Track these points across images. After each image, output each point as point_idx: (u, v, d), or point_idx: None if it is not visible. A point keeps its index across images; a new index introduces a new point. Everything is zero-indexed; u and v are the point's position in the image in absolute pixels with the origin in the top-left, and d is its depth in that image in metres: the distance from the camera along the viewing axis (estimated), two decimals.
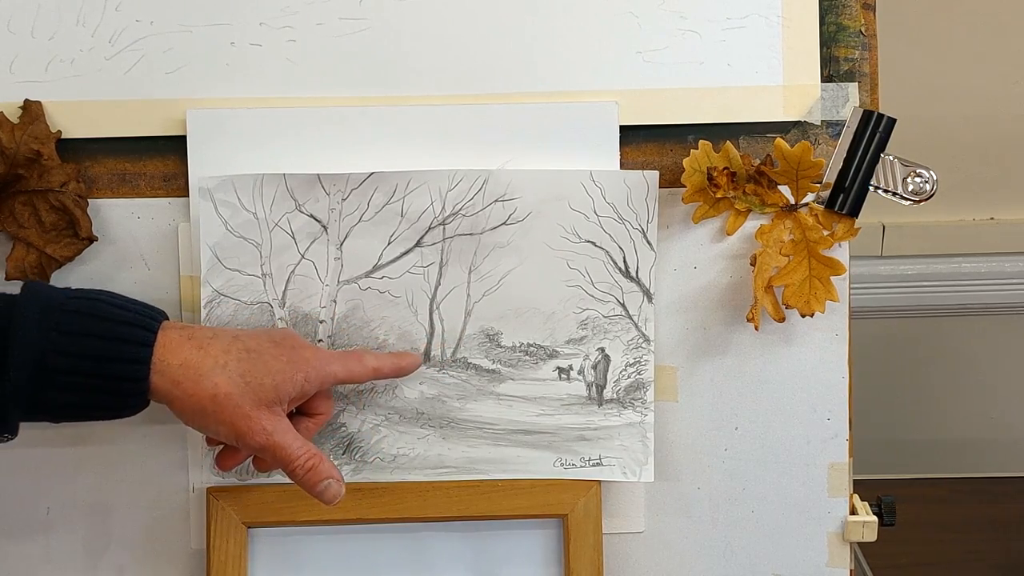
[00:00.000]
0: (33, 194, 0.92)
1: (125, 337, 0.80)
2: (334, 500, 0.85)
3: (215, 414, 0.81)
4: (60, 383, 0.79)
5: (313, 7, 0.93)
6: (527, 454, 0.95)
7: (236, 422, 0.81)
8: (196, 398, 0.81)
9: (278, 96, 0.94)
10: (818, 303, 0.94)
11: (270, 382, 0.82)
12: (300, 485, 0.85)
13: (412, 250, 0.93)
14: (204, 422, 0.82)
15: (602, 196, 0.93)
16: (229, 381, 0.81)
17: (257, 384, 0.82)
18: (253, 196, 0.92)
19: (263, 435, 0.82)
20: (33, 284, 0.81)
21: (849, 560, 0.99)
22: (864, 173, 0.92)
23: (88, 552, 0.97)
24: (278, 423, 0.83)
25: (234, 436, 0.82)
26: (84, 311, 0.80)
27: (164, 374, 0.80)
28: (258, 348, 0.84)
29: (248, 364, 0.82)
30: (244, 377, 0.82)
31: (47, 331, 0.78)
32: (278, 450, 0.83)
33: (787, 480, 0.98)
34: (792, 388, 0.97)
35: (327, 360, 0.87)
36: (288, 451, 0.83)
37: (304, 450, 0.84)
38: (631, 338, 0.95)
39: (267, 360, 0.83)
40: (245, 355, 0.83)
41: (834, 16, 0.95)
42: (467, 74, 0.94)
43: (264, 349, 0.84)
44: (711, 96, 0.95)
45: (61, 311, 0.79)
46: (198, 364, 0.81)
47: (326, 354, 0.88)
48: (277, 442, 0.83)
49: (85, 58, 0.93)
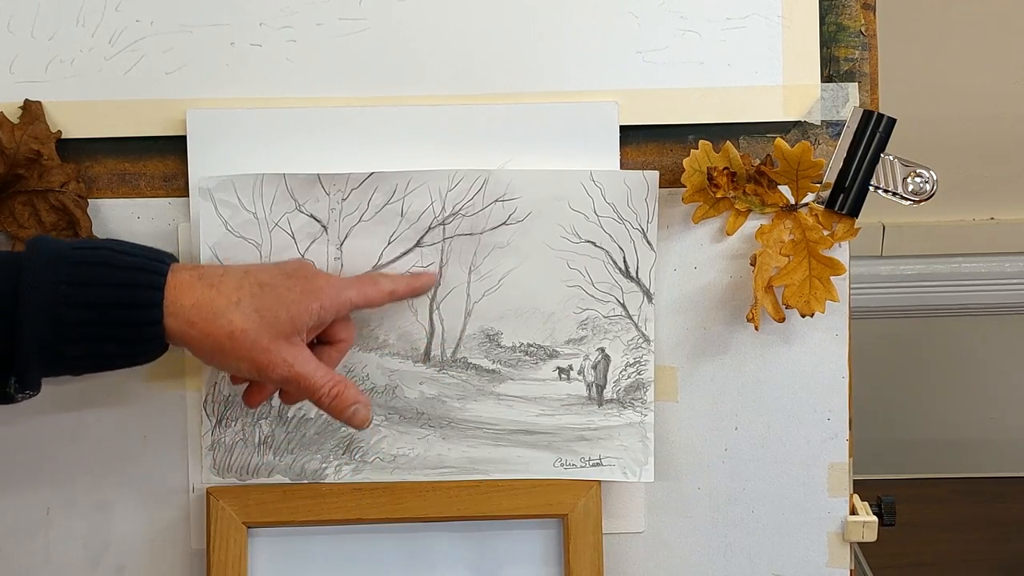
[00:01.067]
0: (33, 194, 0.92)
1: (135, 282, 0.80)
2: (363, 424, 0.85)
3: (233, 351, 0.81)
4: (75, 335, 0.78)
5: (313, 7, 0.93)
6: (527, 454, 0.95)
7: (256, 357, 0.81)
8: (212, 337, 0.80)
9: (278, 96, 0.94)
10: (818, 303, 0.94)
11: (285, 314, 0.82)
12: (328, 412, 0.84)
13: (412, 250, 0.93)
14: (224, 360, 0.82)
15: (602, 196, 0.93)
16: (244, 317, 0.81)
17: (272, 317, 0.82)
18: (253, 196, 0.92)
19: (284, 367, 0.82)
20: (38, 239, 0.81)
21: (849, 560, 0.99)
22: (864, 173, 0.92)
23: (88, 552, 0.97)
24: (299, 354, 0.83)
25: (256, 371, 0.82)
26: (91, 260, 0.80)
27: (178, 316, 0.80)
28: (271, 281, 0.83)
29: (262, 298, 0.82)
30: (259, 311, 0.81)
31: (56, 284, 0.78)
32: (301, 380, 0.82)
33: (787, 480, 0.98)
34: (792, 388, 0.97)
35: (342, 286, 0.86)
36: (312, 379, 0.83)
37: (328, 377, 0.83)
38: (631, 338, 0.95)
39: (280, 292, 0.83)
40: (258, 289, 0.82)
41: (834, 16, 0.95)
42: (467, 74, 0.94)
43: (277, 282, 0.83)
44: (711, 96, 0.95)
45: (68, 264, 0.79)
46: (211, 302, 0.80)
47: (340, 281, 0.88)
48: (299, 372, 0.82)
49: (85, 58, 0.93)
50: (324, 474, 0.95)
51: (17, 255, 0.80)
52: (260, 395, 0.88)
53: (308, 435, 0.95)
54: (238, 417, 0.94)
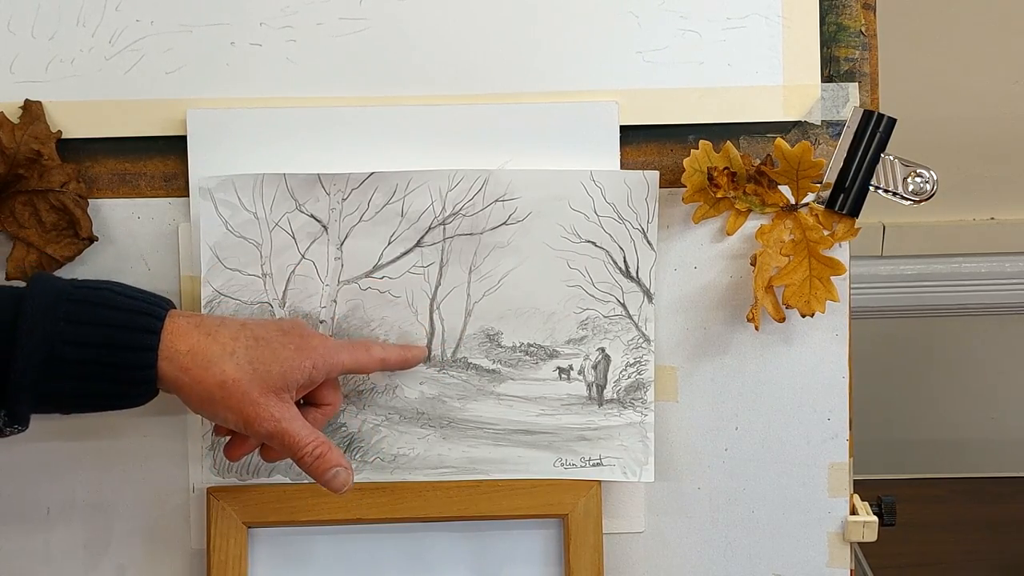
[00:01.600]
0: (33, 194, 0.92)
1: (132, 325, 0.80)
2: (343, 488, 0.85)
3: (223, 400, 0.81)
4: (68, 372, 0.78)
5: (313, 7, 0.93)
6: (527, 454, 0.95)
7: (244, 408, 0.81)
8: (204, 385, 0.80)
9: (278, 96, 0.94)
10: (818, 303, 0.94)
11: (278, 369, 0.82)
12: (308, 473, 0.84)
13: (412, 250, 0.93)
14: (212, 409, 0.82)
15: (602, 196, 0.93)
16: (237, 368, 0.81)
17: (265, 371, 0.82)
18: (253, 196, 0.92)
19: (271, 422, 0.82)
20: (40, 275, 0.82)
21: (849, 560, 0.99)
22: (864, 173, 0.92)
23: (88, 552, 0.97)
24: (286, 410, 0.83)
25: (242, 423, 0.82)
26: (91, 300, 0.80)
27: (172, 361, 0.80)
28: (266, 336, 0.84)
29: (256, 351, 0.82)
30: (252, 364, 0.82)
31: (55, 321, 0.78)
32: (286, 437, 0.82)
33: (787, 480, 0.98)
34: (792, 388, 0.97)
35: (335, 349, 0.87)
36: (296, 438, 0.83)
37: (312, 437, 0.83)
38: (631, 338, 0.95)
39: (275, 348, 0.83)
40: (253, 343, 0.83)
41: (834, 16, 0.95)
42: (467, 74, 0.94)
43: (272, 337, 0.84)
44: (711, 96, 0.95)
45: (68, 301, 0.79)
46: (206, 351, 0.81)
47: (334, 343, 0.88)
48: (285, 428, 0.82)
49: (85, 58, 0.93)
50: None
51: (18, 290, 0.80)
52: (242, 448, 0.88)
53: None
54: None
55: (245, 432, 0.84)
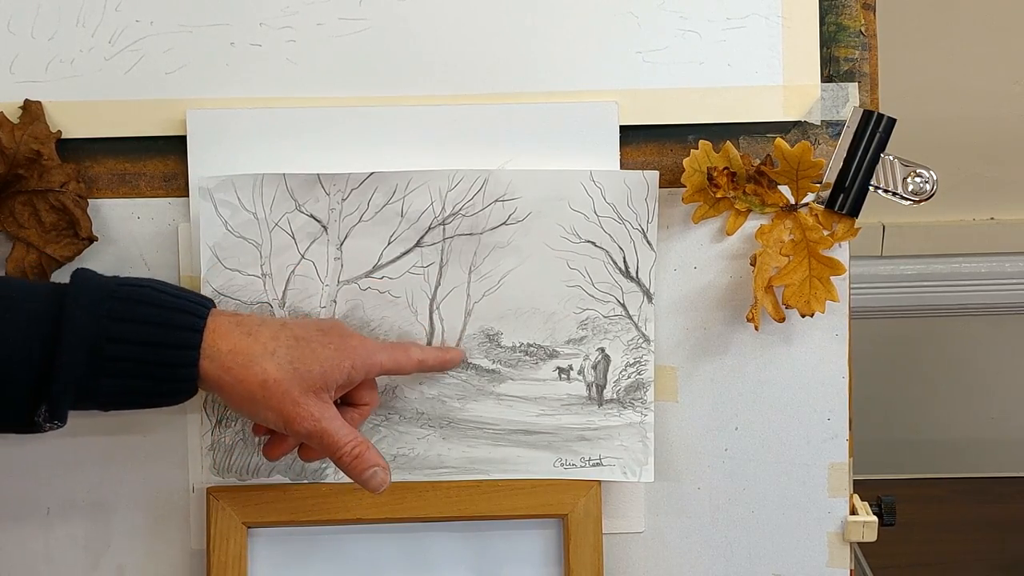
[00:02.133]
0: (33, 194, 0.92)
1: (176, 323, 0.80)
2: (380, 488, 0.85)
3: (264, 400, 0.81)
4: (111, 369, 0.79)
5: (313, 7, 0.93)
6: (527, 454, 0.95)
7: (284, 408, 0.82)
8: (246, 384, 0.81)
9: (278, 96, 0.94)
10: (818, 303, 0.94)
11: (318, 369, 0.83)
12: (346, 472, 0.84)
13: (412, 250, 0.93)
14: (253, 408, 0.82)
15: (602, 196, 0.93)
16: (278, 367, 0.81)
17: (305, 371, 0.82)
18: (253, 196, 0.92)
19: (311, 421, 0.82)
20: (83, 272, 0.82)
21: (849, 560, 0.99)
22: (864, 173, 0.92)
23: (88, 552, 0.97)
24: (326, 410, 0.83)
25: (282, 422, 0.82)
26: (135, 298, 0.80)
27: (214, 360, 0.80)
28: (306, 336, 0.84)
29: (297, 351, 0.83)
30: (293, 363, 0.82)
31: (99, 318, 0.78)
32: (325, 436, 0.83)
33: (787, 480, 0.98)
34: (792, 388, 0.97)
35: (374, 350, 0.87)
36: (335, 437, 0.83)
37: (351, 437, 0.84)
38: (631, 338, 0.95)
39: (315, 348, 0.84)
40: (294, 342, 0.83)
41: (834, 16, 0.95)
42: (467, 74, 0.94)
43: (312, 337, 0.84)
44: (711, 96, 0.95)
45: (112, 298, 0.80)
46: (248, 350, 0.81)
47: (373, 344, 0.88)
48: (325, 428, 0.83)
49: (85, 58, 0.93)
50: (324, 474, 0.95)
51: (61, 286, 0.80)
52: (281, 448, 0.88)
53: None
54: (238, 417, 0.94)
55: (285, 431, 0.84)
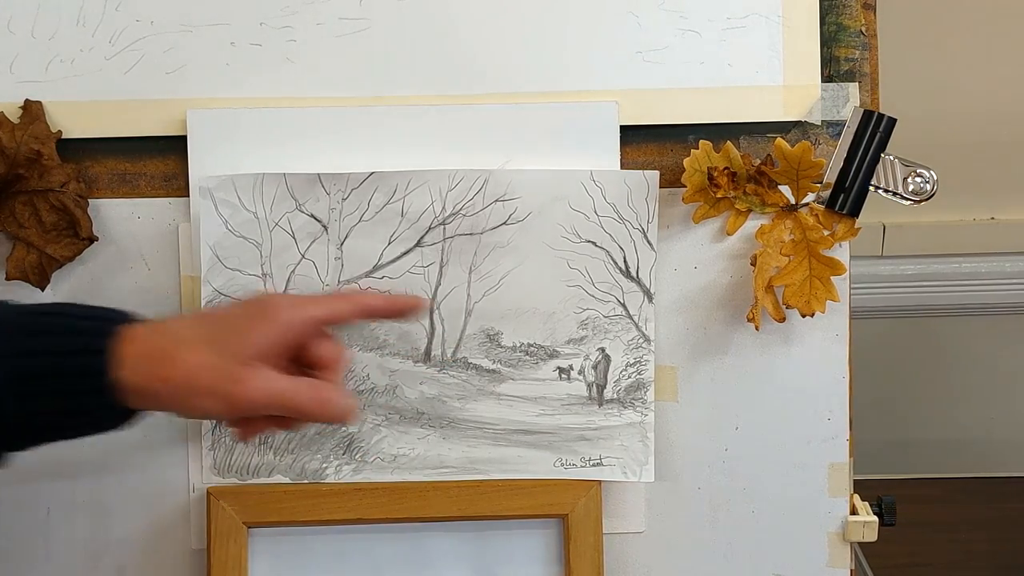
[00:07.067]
0: (33, 194, 0.92)
1: (84, 330, 0.76)
2: (353, 418, 0.79)
3: (199, 390, 0.76)
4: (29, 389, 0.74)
5: (313, 7, 0.93)
6: (527, 454, 0.95)
7: (224, 389, 0.76)
8: (173, 381, 0.75)
9: (278, 96, 0.94)
10: (818, 303, 0.94)
11: (236, 340, 0.77)
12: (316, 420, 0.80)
13: (412, 250, 0.93)
14: (192, 402, 0.77)
15: (602, 196, 0.93)
16: (197, 352, 0.76)
17: (223, 345, 0.77)
18: (253, 196, 0.92)
19: (260, 391, 0.76)
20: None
21: (849, 560, 0.99)
22: (864, 173, 0.92)
23: (88, 552, 0.97)
24: (267, 374, 0.77)
25: (228, 404, 0.77)
26: (43, 310, 0.78)
27: (134, 369, 0.75)
28: (223, 315, 0.80)
29: (213, 331, 0.78)
30: (212, 344, 0.76)
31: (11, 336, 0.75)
32: (282, 397, 0.77)
33: (787, 480, 0.98)
34: (792, 388, 0.97)
35: (305, 304, 0.81)
36: (290, 393, 0.77)
37: (301, 384, 0.78)
38: (631, 338, 0.95)
39: (232, 321, 0.79)
40: (210, 325, 0.78)
41: (834, 16, 0.95)
42: (467, 74, 0.94)
43: (229, 313, 0.80)
44: (711, 96, 0.95)
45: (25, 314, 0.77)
46: (162, 348, 0.76)
47: (303, 299, 0.83)
48: (277, 390, 0.77)
49: (85, 58, 0.93)
50: (324, 474, 0.95)
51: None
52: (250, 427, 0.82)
53: (308, 435, 0.95)
54: None
55: (234, 414, 0.79)
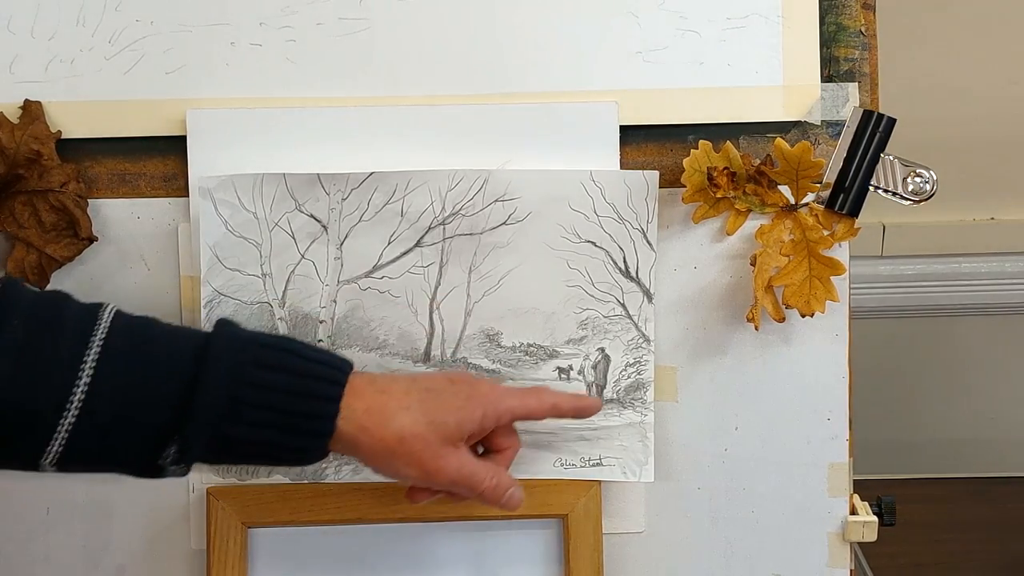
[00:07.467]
0: (33, 194, 0.92)
1: (319, 375, 0.79)
2: (518, 506, 0.86)
3: (404, 456, 0.81)
4: (249, 417, 0.77)
5: (313, 7, 0.93)
6: (527, 454, 0.95)
7: (425, 462, 0.81)
8: (384, 442, 0.80)
9: (278, 96, 0.94)
10: (818, 303, 0.94)
11: (452, 420, 0.82)
12: (485, 502, 0.85)
13: (412, 250, 0.93)
14: (392, 464, 0.82)
15: (602, 196, 0.93)
16: (414, 422, 0.81)
17: (440, 422, 0.82)
18: (253, 196, 0.92)
19: (453, 470, 0.82)
20: (226, 320, 0.80)
21: (849, 560, 0.99)
22: (864, 173, 0.92)
23: (88, 552, 0.97)
24: (464, 456, 0.84)
25: (423, 475, 0.82)
26: (282, 347, 0.80)
27: (350, 420, 0.79)
28: (437, 388, 0.84)
29: (430, 403, 0.82)
30: (427, 416, 0.82)
31: (243, 364, 0.77)
32: (470, 480, 0.83)
33: (787, 480, 0.98)
34: (792, 388, 0.97)
35: (505, 395, 0.86)
36: (477, 478, 0.84)
37: (487, 471, 0.84)
38: (631, 338, 0.95)
39: (447, 398, 0.83)
40: (426, 395, 0.83)
41: (834, 16, 0.95)
42: (467, 74, 0.94)
43: (443, 388, 0.84)
44: (711, 96, 0.95)
45: (257, 345, 0.78)
46: (383, 407, 0.81)
47: (503, 389, 0.87)
48: (467, 473, 0.83)
49: (85, 58, 0.93)
50: (324, 474, 0.95)
51: (204, 331, 0.79)
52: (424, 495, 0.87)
53: None
54: None
55: (424, 484, 0.84)
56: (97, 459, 0.76)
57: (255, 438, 0.78)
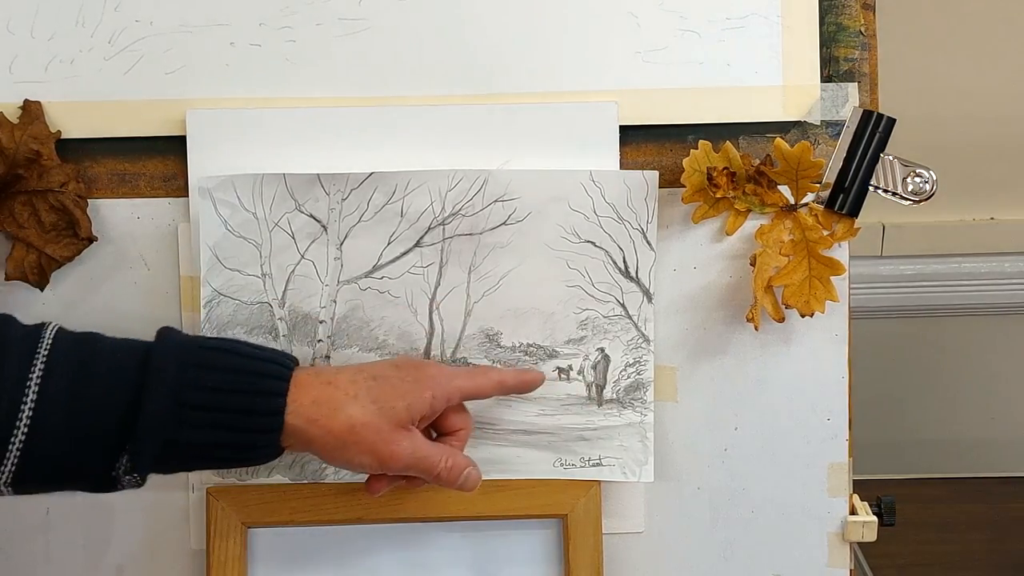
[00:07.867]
0: (33, 194, 0.92)
1: (263, 371, 0.80)
2: (475, 485, 0.87)
3: (356, 445, 0.81)
4: (197, 420, 0.78)
5: (313, 7, 0.93)
6: (527, 454, 0.95)
7: (378, 449, 0.82)
8: (334, 432, 0.81)
9: (278, 96, 0.94)
10: (818, 303, 0.94)
11: (402, 404, 0.83)
12: (442, 484, 0.86)
13: (412, 250, 0.93)
14: (345, 455, 0.82)
15: (602, 196, 0.93)
16: (363, 410, 0.82)
17: (389, 408, 0.83)
18: (253, 196, 0.92)
19: (409, 455, 0.83)
20: (168, 329, 0.81)
21: (849, 560, 0.99)
22: (864, 173, 0.92)
23: (88, 552, 0.97)
24: (417, 440, 0.84)
25: (377, 462, 0.83)
26: (223, 348, 0.81)
27: (298, 413, 0.80)
28: (383, 374, 0.85)
29: (377, 390, 0.83)
30: (376, 403, 0.82)
31: (186, 367, 0.78)
32: (423, 463, 0.84)
33: (787, 480, 0.98)
34: (792, 388, 0.97)
35: (452, 375, 0.87)
36: (431, 460, 0.84)
37: (441, 453, 0.85)
38: (631, 338, 0.95)
39: (394, 383, 0.84)
40: (373, 383, 0.83)
41: (834, 16, 0.95)
42: (467, 74, 0.94)
43: (389, 374, 0.85)
44: (711, 96, 0.95)
45: (200, 348, 0.80)
46: (330, 398, 0.81)
47: (450, 370, 0.89)
48: (420, 456, 0.84)
49: (85, 58, 0.93)
50: (324, 474, 0.95)
51: (145, 342, 0.79)
52: (382, 483, 0.88)
53: None
54: None
55: (380, 471, 0.84)
56: (52, 476, 0.77)
57: (205, 440, 0.78)
